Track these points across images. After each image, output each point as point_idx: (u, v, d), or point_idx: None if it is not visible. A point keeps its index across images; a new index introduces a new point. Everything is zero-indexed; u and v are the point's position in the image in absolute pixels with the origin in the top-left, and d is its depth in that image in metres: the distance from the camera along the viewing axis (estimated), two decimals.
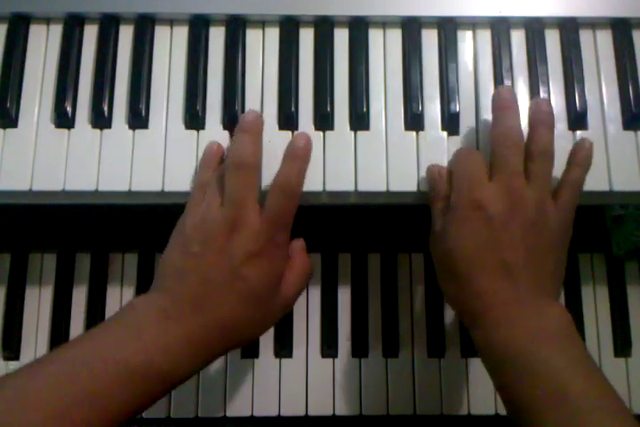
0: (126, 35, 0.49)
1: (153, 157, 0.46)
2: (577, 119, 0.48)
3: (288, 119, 0.47)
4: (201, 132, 0.47)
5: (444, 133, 0.48)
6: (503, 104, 0.45)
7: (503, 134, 0.44)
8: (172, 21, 0.50)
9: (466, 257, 0.42)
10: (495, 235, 0.42)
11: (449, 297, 0.45)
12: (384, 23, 0.50)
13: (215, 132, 0.47)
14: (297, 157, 0.44)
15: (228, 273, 0.41)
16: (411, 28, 0.49)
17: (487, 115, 0.48)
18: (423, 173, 0.46)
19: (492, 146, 0.45)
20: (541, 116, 0.45)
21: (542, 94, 0.48)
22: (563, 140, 0.47)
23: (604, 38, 0.50)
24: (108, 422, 0.36)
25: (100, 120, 0.47)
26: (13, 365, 0.55)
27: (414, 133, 0.47)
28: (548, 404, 0.37)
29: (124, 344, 0.38)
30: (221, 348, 0.42)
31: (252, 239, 0.42)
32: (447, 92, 0.48)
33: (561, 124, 0.48)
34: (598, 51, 0.50)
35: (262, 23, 0.50)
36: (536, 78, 0.48)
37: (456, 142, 0.47)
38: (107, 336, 0.39)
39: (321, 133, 0.47)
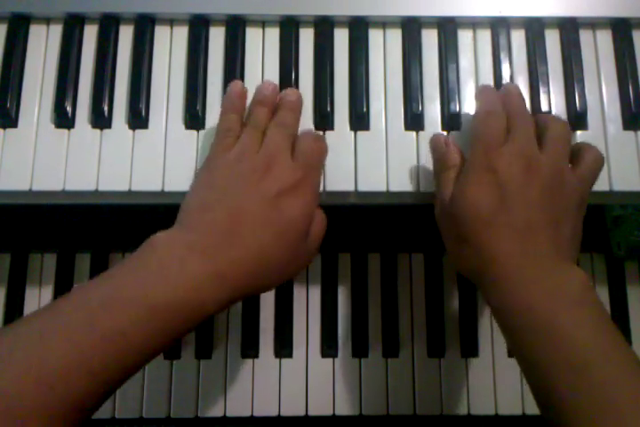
0: (126, 35, 0.49)
1: (153, 157, 0.46)
2: (577, 119, 0.48)
3: None
4: (201, 132, 0.47)
5: (444, 133, 0.48)
6: (510, 92, 0.46)
7: (512, 110, 0.44)
8: (172, 21, 0.50)
9: (481, 220, 0.41)
10: (511, 197, 0.41)
11: (462, 264, 0.44)
12: (384, 23, 0.50)
13: (215, 131, 0.47)
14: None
15: (264, 204, 0.40)
16: (411, 28, 0.49)
17: None
18: (423, 173, 0.46)
19: (506, 114, 0.45)
20: None
21: (542, 94, 0.48)
22: None
23: (604, 38, 0.50)
24: (130, 363, 0.35)
25: (100, 120, 0.47)
26: None
27: (414, 133, 0.47)
28: (567, 370, 0.36)
29: (144, 283, 0.36)
30: (250, 286, 0.40)
31: (288, 173, 0.41)
32: (447, 92, 0.48)
33: None
34: (598, 51, 0.50)
35: (262, 23, 0.50)
36: (536, 78, 0.48)
37: (456, 142, 0.47)
38: (125, 276, 0.37)
39: (321, 133, 0.47)
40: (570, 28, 0.50)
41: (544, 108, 0.48)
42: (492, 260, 0.41)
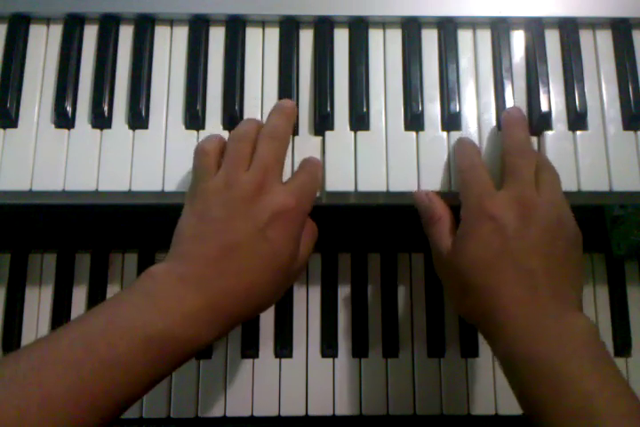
0: (126, 35, 0.49)
1: (153, 156, 0.46)
2: (577, 119, 0.48)
3: None
4: (201, 132, 0.47)
5: (444, 133, 0.48)
6: (513, 120, 0.46)
7: (515, 145, 0.45)
8: (172, 21, 0.50)
9: (482, 268, 0.41)
10: (511, 244, 0.41)
11: (465, 312, 0.44)
12: (384, 23, 0.50)
13: (215, 132, 0.47)
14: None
15: (254, 235, 0.40)
16: (411, 28, 0.49)
17: (487, 115, 0.48)
18: (423, 173, 0.46)
19: (503, 157, 0.45)
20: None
21: (542, 94, 0.48)
22: (563, 140, 0.47)
23: (604, 38, 0.50)
24: (129, 392, 0.36)
25: (100, 120, 0.47)
26: None
27: (414, 133, 0.47)
28: (573, 422, 0.36)
29: (140, 313, 0.37)
30: (243, 314, 0.41)
31: (280, 201, 0.41)
32: (447, 92, 0.48)
33: (561, 125, 0.48)
34: (598, 51, 0.50)
35: (262, 23, 0.50)
36: (536, 78, 0.48)
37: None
38: (123, 305, 0.38)
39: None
40: (570, 28, 0.50)
41: (544, 108, 0.48)
42: (495, 308, 0.40)
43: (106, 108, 0.47)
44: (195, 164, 0.44)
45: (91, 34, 0.49)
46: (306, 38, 0.50)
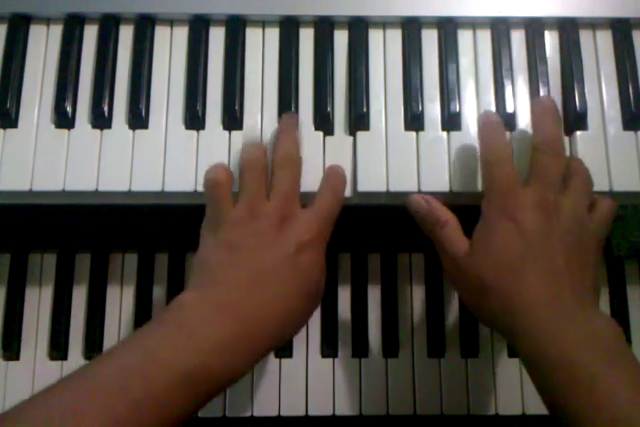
0: (126, 35, 0.49)
1: (153, 157, 0.46)
2: (577, 119, 0.48)
3: None
4: (201, 132, 0.47)
5: (444, 133, 0.48)
6: (544, 111, 0.44)
7: (545, 141, 0.43)
8: (172, 21, 0.50)
9: (504, 270, 0.41)
10: (534, 245, 0.40)
11: (486, 316, 0.43)
12: (384, 23, 0.50)
13: (215, 132, 0.47)
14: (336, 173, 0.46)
15: (284, 264, 0.41)
16: (411, 28, 0.49)
17: None
18: (423, 173, 0.46)
19: (533, 152, 0.43)
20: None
21: (542, 94, 0.48)
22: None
23: (604, 38, 0.50)
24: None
25: (100, 120, 0.47)
26: (13, 365, 0.55)
27: (414, 133, 0.47)
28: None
29: (176, 347, 0.37)
30: (276, 342, 0.41)
31: (305, 229, 0.42)
32: (447, 92, 0.48)
33: None
34: (598, 51, 0.50)
35: (262, 23, 0.50)
36: (536, 78, 0.49)
37: (456, 142, 0.47)
38: (158, 339, 0.37)
39: (321, 134, 0.47)
40: (570, 28, 0.50)
41: None
42: (521, 310, 0.40)
43: (106, 108, 0.47)
44: (209, 196, 0.44)
45: (91, 34, 0.49)
46: (306, 38, 0.50)
